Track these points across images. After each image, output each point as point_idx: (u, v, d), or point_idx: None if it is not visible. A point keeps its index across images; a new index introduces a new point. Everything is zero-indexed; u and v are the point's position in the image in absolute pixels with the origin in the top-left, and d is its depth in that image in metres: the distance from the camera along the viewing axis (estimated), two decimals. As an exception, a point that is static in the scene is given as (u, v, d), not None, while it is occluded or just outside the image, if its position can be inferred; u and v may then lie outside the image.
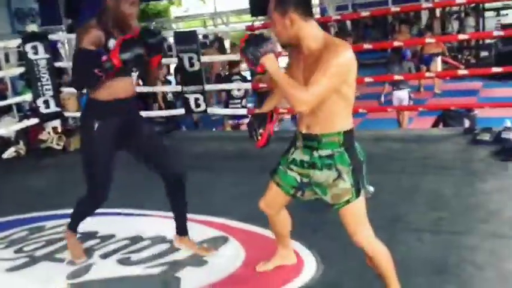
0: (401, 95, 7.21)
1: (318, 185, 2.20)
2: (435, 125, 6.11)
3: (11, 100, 6.64)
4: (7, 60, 8.61)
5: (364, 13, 6.23)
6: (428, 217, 3.25)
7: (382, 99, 7.60)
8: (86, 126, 2.73)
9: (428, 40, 7.01)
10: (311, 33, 2.05)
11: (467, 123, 5.04)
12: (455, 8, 13.29)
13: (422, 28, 12.77)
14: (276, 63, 2.02)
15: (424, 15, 14.54)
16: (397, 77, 6.22)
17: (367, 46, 5.83)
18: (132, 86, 2.77)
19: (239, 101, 7.06)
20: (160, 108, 8.11)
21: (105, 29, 2.55)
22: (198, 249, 3.04)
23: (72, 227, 3.08)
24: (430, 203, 3.48)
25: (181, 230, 3.06)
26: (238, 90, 7.00)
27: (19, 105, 7.00)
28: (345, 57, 1.99)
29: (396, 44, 5.85)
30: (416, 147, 4.80)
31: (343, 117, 2.12)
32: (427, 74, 5.85)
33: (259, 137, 2.35)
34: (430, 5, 7.70)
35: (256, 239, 3.14)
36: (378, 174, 4.12)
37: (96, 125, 2.65)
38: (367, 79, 5.72)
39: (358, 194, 2.15)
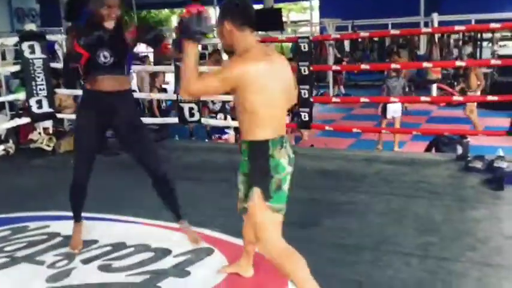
0: (395, 107, 7.33)
1: None
2: (428, 149, 6.10)
3: (4, 98, 6.59)
4: (3, 58, 8.57)
5: (363, 34, 6.25)
6: (416, 241, 3.22)
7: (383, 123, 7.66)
8: (77, 110, 3.23)
9: (426, 65, 7.04)
10: (241, 42, 2.23)
11: (460, 149, 5.03)
12: (454, 36, 13.42)
13: (422, 54, 12.87)
14: (195, 49, 2.19)
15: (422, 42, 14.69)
16: (392, 99, 6.23)
17: (364, 67, 5.84)
18: (120, 82, 3.03)
19: (214, 115, 7.06)
20: (154, 116, 8.08)
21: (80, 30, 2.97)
22: (194, 237, 3.21)
23: (73, 215, 3.25)
24: (419, 227, 3.46)
25: (177, 215, 3.26)
26: (213, 103, 7.01)
27: (12, 104, 6.94)
28: (236, 70, 2.15)
29: (394, 66, 5.87)
30: (408, 170, 4.79)
31: (251, 128, 2.22)
32: (423, 99, 5.87)
33: None
34: (429, 30, 7.77)
35: (241, 252, 3.08)
36: (368, 194, 4.14)
37: (78, 112, 3.13)
38: (363, 99, 5.73)
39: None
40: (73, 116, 6.08)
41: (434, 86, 10.48)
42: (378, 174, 4.69)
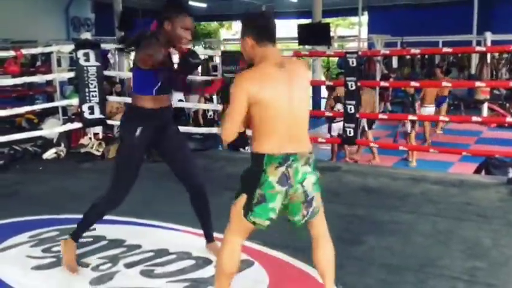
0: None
1: None
2: (477, 171, 5.92)
3: (58, 103, 6.85)
4: (59, 64, 8.91)
5: (414, 50, 6.15)
6: (463, 265, 3.11)
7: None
8: (128, 130, 2.94)
9: (478, 84, 6.86)
10: (260, 56, 2.28)
11: (511, 173, 4.85)
12: (505, 55, 13.03)
13: (474, 74, 12.55)
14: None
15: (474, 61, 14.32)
16: (442, 119, 6.08)
17: (414, 84, 5.74)
18: (168, 99, 3.00)
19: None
20: (198, 125, 8.19)
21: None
22: None
23: (77, 234, 3.09)
24: (466, 250, 3.34)
25: (206, 236, 3.23)
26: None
27: (65, 109, 7.20)
28: (233, 87, 2.21)
29: (445, 84, 5.74)
30: (456, 192, 4.65)
31: (253, 139, 2.26)
32: (474, 119, 5.71)
33: None
34: (483, 49, 7.57)
35: (281, 266, 3.07)
36: (412, 214, 4.05)
37: (139, 130, 2.89)
38: (411, 117, 5.62)
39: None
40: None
41: (485, 106, 10.19)
42: (423, 194, 4.58)
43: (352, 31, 25.06)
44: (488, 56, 10.42)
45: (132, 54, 3.02)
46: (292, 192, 2.24)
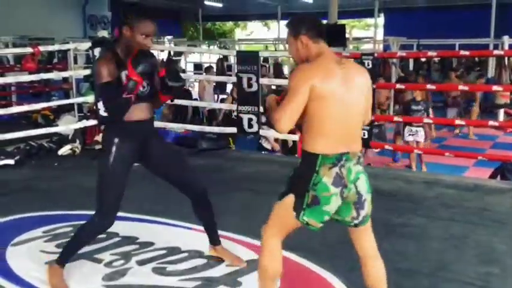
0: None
1: None
2: (493, 176, 5.85)
3: (74, 100, 6.91)
4: (75, 61, 8.98)
5: (431, 53, 6.10)
6: (477, 270, 3.08)
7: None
8: (106, 145, 2.78)
9: (495, 88, 6.78)
10: (315, 53, 2.23)
11: (527, 178, 4.80)
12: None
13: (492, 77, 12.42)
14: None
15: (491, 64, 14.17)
16: (458, 122, 6.04)
17: (430, 87, 5.70)
18: (150, 110, 2.81)
19: None
20: (212, 124, 8.20)
21: (117, 61, 2.63)
22: (233, 258, 3.11)
23: (64, 258, 2.86)
24: (479, 255, 3.31)
25: (213, 240, 3.14)
26: None
27: (80, 106, 7.26)
28: (294, 78, 2.15)
29: (461, 88, 5.69)
30: (470, 197, 4.60)
31: (306, 138, 2.19)
32: (491, 123, 5.64)
33: None
34: (501, 52, 7.48)
35: (294, 267, 3.06)
36: (426, 218, 4.01)
37: (115, 144, 2.72)
38: (426, 120, 5.58)
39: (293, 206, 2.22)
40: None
41: (501, 111, 10.07)
42: (438, 198, 4.54)
43: (367, 33, 24.95)
44: (506, 60, 10.30)
45: None
46: (346, 192, 2.18)
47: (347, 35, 13.36)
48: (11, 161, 5.62)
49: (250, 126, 5.98)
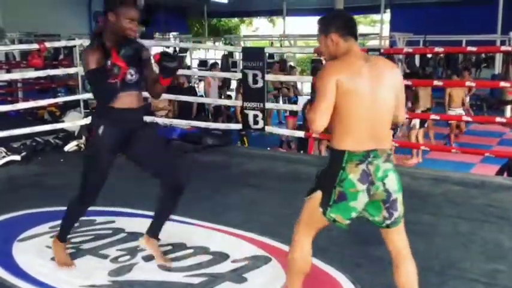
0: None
1: None
2: (499, 173, 5.82)
3: (80, 96, 6.91)
4: (81, 58, 9.01)
5: (438, 49, 6.06)
6: (483, 267, 3.07)
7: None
8: (93, 130, 2.86)
9: (503, 84, 6.73)
10: (344, 50, 2.23)
11: (535, 175, 4.77)
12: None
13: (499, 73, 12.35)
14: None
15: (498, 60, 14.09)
16: (464, 118, 6.00)
17: (437, 83, 5.67)
18: (139, 99, 2.88)
19: None
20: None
21: (104, 48, 2.71)
22: (160, 256, 3.08)
23: (62, 236, 3.09)
24: (486, 252, 3.29)
25: (153, 231, 3.11)
26: None
27: (86, 102, 7.26)
28: (320, 77, 2.17)
29: (468, 84, 5.65)
30: (477, 193, 4.58)
31: (334, 134, 2.19)
32: (498, 119, 5.60)
33: None
34: (509, 48, 7.42)
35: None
36: (433, 216, 3.99)
37: (101, 130, 2.80)
38: (433, 116, 5.55)
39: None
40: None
41: (508, 107, 10.03)
42: (445, 195, 4.51)
43: (373, 29, 24.84)
44: (513, 56, 10.25)
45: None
46: (374, 190, 2.15)
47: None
48: (17, 157, 5.64)
49: (255, 122, 5.97)
